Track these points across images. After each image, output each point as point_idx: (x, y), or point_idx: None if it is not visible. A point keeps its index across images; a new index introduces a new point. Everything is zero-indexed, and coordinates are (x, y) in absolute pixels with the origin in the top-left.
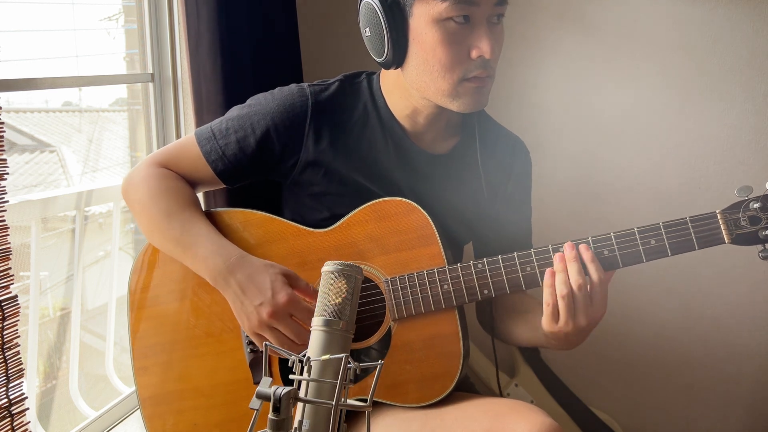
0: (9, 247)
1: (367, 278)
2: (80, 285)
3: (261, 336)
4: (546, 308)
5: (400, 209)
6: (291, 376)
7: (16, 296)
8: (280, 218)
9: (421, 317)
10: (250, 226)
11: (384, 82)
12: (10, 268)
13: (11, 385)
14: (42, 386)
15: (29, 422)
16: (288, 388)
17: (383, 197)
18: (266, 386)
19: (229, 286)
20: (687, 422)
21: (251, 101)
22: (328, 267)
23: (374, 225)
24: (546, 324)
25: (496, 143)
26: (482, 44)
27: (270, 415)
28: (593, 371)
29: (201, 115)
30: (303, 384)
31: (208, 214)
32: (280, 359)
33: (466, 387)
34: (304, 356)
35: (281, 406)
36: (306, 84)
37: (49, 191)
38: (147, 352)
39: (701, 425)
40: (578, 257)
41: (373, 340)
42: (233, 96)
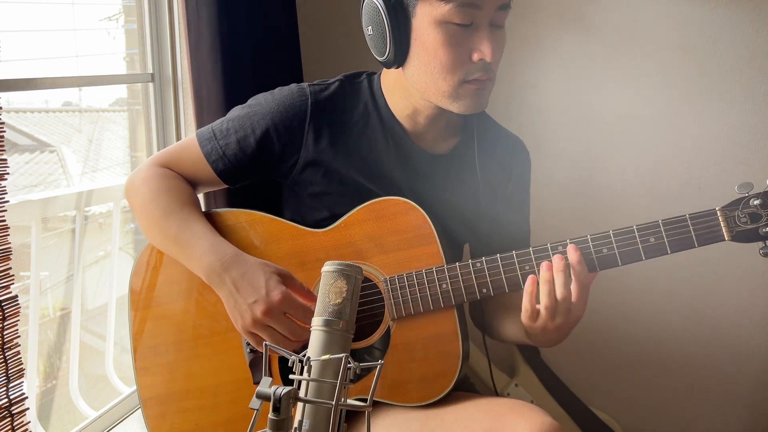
0: (9, 247)
1: (366, 278)
2: (80, 285)
3: (254, 335)
4: (524, 312)
5: (399, 208)
6: (291, 376)
7: (16, 296)
8: (280, 218)
9: (420, 317)
10: (250, 227)
11: (385, 82)
12: (11, 268)
13: (11, 385)
14: (42, 386)
15: (29, 422)
16: (288, 388)
17: (382, 197)
18: (266, 386)
19: (224, 284)
20: (687, 422)
21: (252, 101)
22: (328, 267)
23: (373, 224)
24: (525, 321)
25: (496, 143)
26: (484, 47)
27: (270, 415)
28: (593, 371)
29: (201, 115)
30: (303, 384)
31: (208, 215)
32: (280, 359)
33: (466, 387)
34: (304, 356)
35: (281, 406)
36: (306, 84)
37: (49, 191)
38: (148, 353)
39: (701, 425)
40: (566, 268)
41: (372, 340)
42: (233, 96)
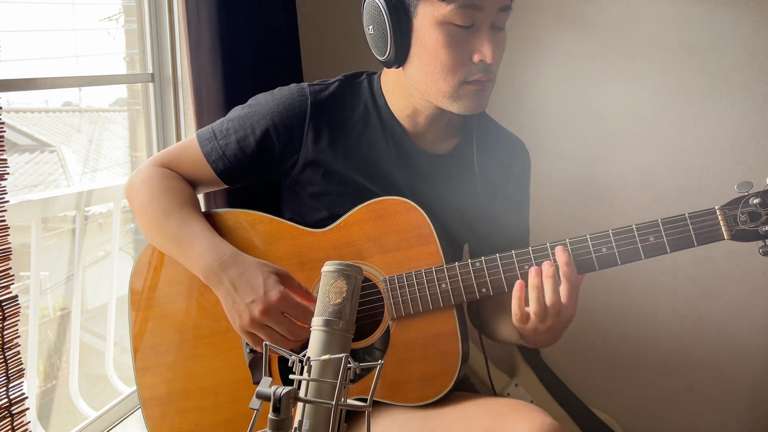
0: (9, 247)
1: (366, 278)
2: (80, 285)
3: (252, 335)
4: (514, 316)
5: (398, 208)
6: (291, 376)
7: (16, 296)
8: (279, 218)
9: (420, 316)
10: (250, 227)
11: (385, 82)
12: (11, 268)
13: (11, 385)
14: (42, 386)
15: (29, 422)
16: (288, 388)
17: (382, 196)
18: (266, 386)
19: (222, 284)
20: (687, 422)
21: (251, 101)
22: (328, 267)
23: (372, 224)
24: (516, 324)
25: (496, 144)
26: (484, 48)
27: (270, 415)
28: (593, 371)
29: (201, 115)
30: (303, 384)
31: (208, 215)
32: (280, 359)
33: (466, 387)
34: (304, 356)
35: (281, 406)
36: (306, 84)
37: (49, 191)
38: (148, 353)
39: (701, 425)
40: (555, 274)
41: (372, 340)
42: (233, 96)
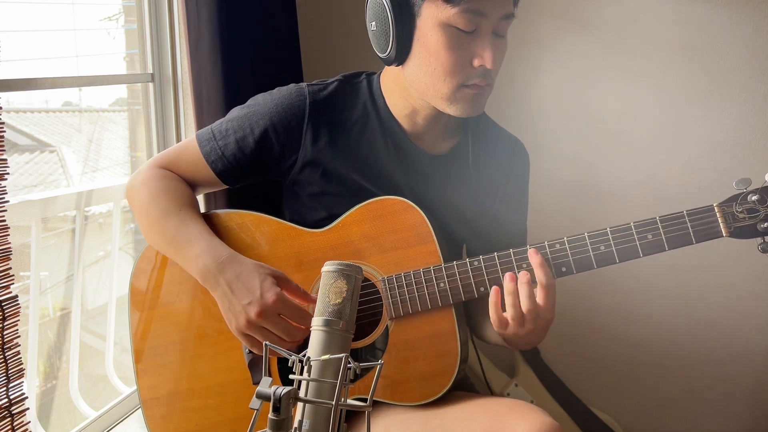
0: (9, 247)
1: (364, 277)
2: (80, 285)
3: (248, 336)
4: (493, 322)
5: (397, 208)
6: (291, 376)
7: (16, 296)
8: (278, 219)
9: (419, 316)
10: (248, 228)
11: (384, 82)
12: (10, 268)
13: (11, 385)
14: (42, 386)
15: (29, 422)
16: (288, 388)
17: (380, 196)
18: (266, 386)
19: (219, 286)
20: (687, 422)
21: (250, 102)
22: (328, 267)
23: (370, 224)
24: (495, 329)
25: (496, 144)
26: (485, 54)
27: (270, 415)
28: (593, 371)
29: (201, 115)
30: (303, 384)
31: (208, 216)
32: (279, 359)
33: (466, 387)
34: (304, 356)
35: (281, 406)
36: (305, 84)
37: (49, 191)
38: (148, 354)
39: (701, 425)
40: (530, 281)
41: (371, 340)
42: (233, 96)
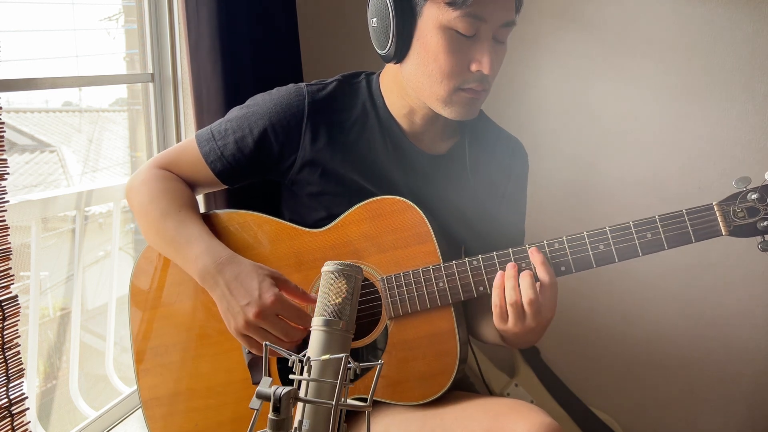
0: (9, 247)
1: (364, 277)
2: (80, 285)
3: (246, 337)
4: (494, 309)
5: (395, 207)
6: (291, 376)
7: (16, 296)
8: (277, 219)
9: (418, 315)
10: (248, 228)
11: (383, 82)
12: (10, 268)
13: (11, 385)
14: (42, 386)
15: (29, 422)
16: (288, 388)
17: (379, 196)
18: (266, 386)
19: (217, 286)
20: (687, 422)
21: (250, 102)
22: (328, 267)
23: (369, 224)
24: (496, 322)
25: (496, 144)
26: (483, 59)
27: (270, 415)
28: (593, 371)
29: (201, 115)
30: (303, 384)
31: (207, 216)
32: (278, 359)
33: (466, 387)
34: (304, 356)
35: (281, 406)
36: (304, 84)
37: (49, 191)
38: (149, 354)
39: (701, 425)
40: (532, 273)
41: (370, 339)
42: (233, 96)
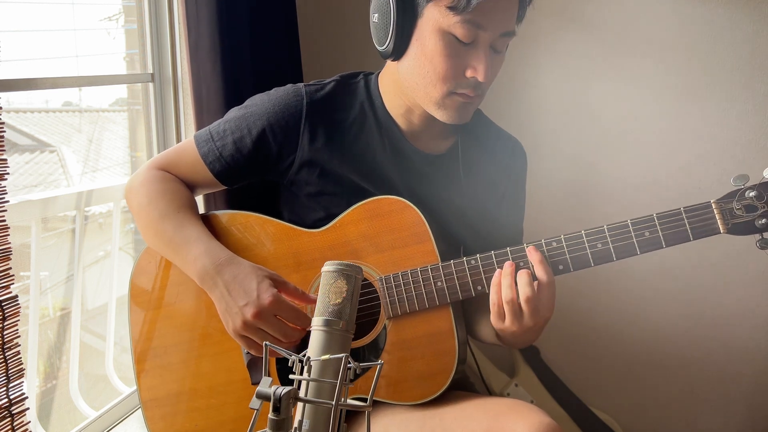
0: (9, 247)
1: (363, 277)
2: (80, 285)
3: (245, 337)
4: (492, 307)
5: (394, 207)
6: (291, 376)
7: (16, 296)
8: (276, 219)
9: (416, 315)
10: (247, 228)
11: (382, 82)
12: (10, 268)
13: (11, 385)
14: (42, 386)
15: (29, 422)
16: (288, 388)
17: (377, 196)
18: (266, 386)
19: (216, 287)
20: (687, 422)
21: (248, 102)
22: (328, 267)
23: (368, 223)
24: (493, 321)
25: (495, 144)
26: (479, 67)
27: (270, 415)
28: (593, 371)
29: (201, 115)
30: (303, 384)
31: (206, 217)
32: (278, 359)
33: (466, 387)
34: (304, 356)
35: (281, 406)
36: (302, 84)
37: (49, 191)
38: (148, 354)
39: (701, 425)
40: (530, 271)
41: (369, 339)
42: (233, 96)
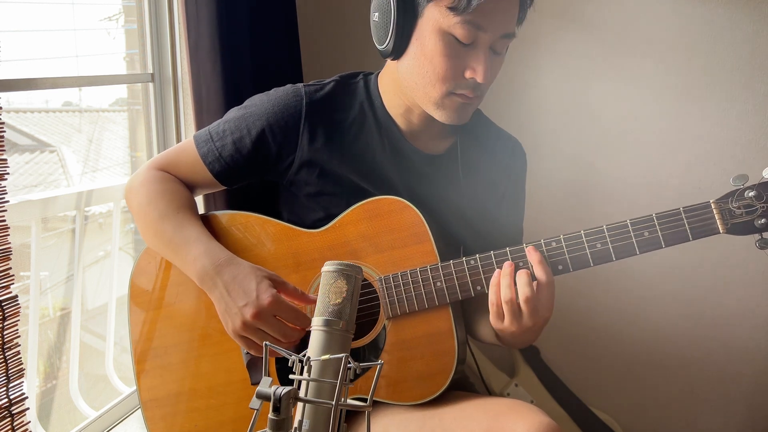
0: (9, 247)
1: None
2: (80, 285)
3: (244, 338)
4: (491, 307)
5: (393, 207)
6: (291, 376)
7: (16, 296)
8: (276, 220)
9: (416, 315)
10: (246, 229)
11: (382, 82)
12: (10, 268)
13: (11, 385)
14: (42, 386)
15: (29, 422)
16: (288, 388)
17: (377, 196)
18: (266, 386)
19: (216, 287)
20: (687, 422)
21: (247, 103)
22: (329, 267)
23: (367, 224)
24: (492, 321)
25: (495, 144)
26: (478, 68)
27: (270, 415)
28: (593, 371)
29: (201, 115)
30: (303, 384)
31: (206, 217)
32: (277, 360)
33: (466, 387)
34: (304, 356)
35: (281, 406)
36: (301, 84)
37: (49, 191)
38: (148, 354)
39: (701, 425)
40: (530, 271)
41: (368, 340)
42: (233, 96)
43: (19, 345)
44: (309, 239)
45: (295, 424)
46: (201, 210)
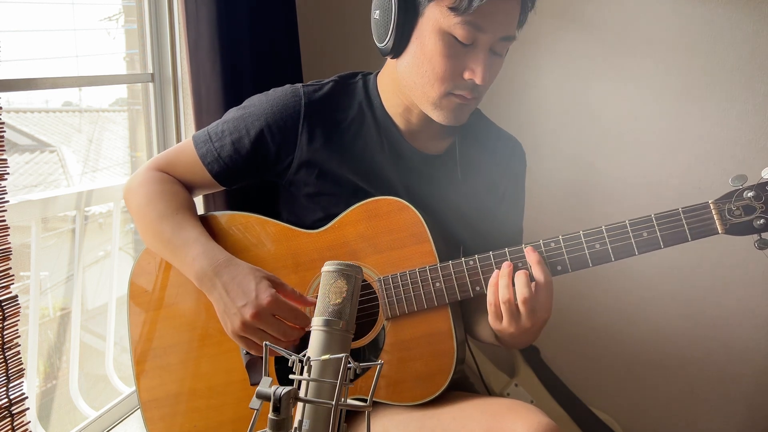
0: (9, 247)
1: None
2: (80, 285)
3: (244, 338)
4: (489, 307)
5: (392, 208)
6: (291, 376)
7: (16, 296)
8: (275, 220)
9: (415, 316)
10: (245, 229)
11: (381, 81)
12: (10, 268)
13: (11, 385)
14: (42, 386)
15: (29, 422)
16: (288, 388)
17: (376, 196)
18: (266, 386)
19: (215, 288)
20: (687, 422)
21: (246, 103)
22: (328, 267)
23: (366, 224)
24: (491, 322)
25: (495, 144)
26: (477, 69)
27: (270, 415)
28: (593, 371)
29: (201, 115)
30: (303, 384)
31: (205, 218)
32: (277, 360)
33: (466, 387)
34: (304, 356)
35: (281, 406)
36: (300, 84)
37: (49, 191)
38: (148, 355)
39: (701, 425)
40: (528, 271)
41: (367, 340)
42: (233, 96)
43: (19, 345)
44: (308, 240)
45: (295, 424)
46: (200, 210)
